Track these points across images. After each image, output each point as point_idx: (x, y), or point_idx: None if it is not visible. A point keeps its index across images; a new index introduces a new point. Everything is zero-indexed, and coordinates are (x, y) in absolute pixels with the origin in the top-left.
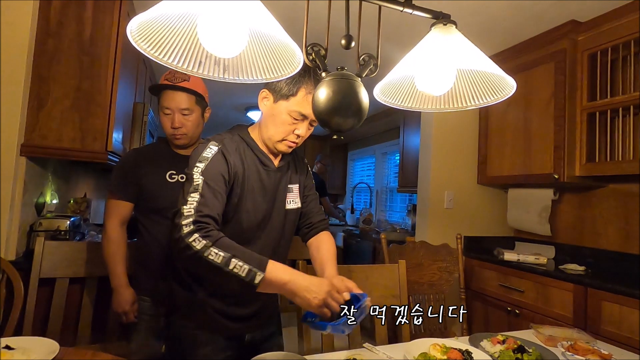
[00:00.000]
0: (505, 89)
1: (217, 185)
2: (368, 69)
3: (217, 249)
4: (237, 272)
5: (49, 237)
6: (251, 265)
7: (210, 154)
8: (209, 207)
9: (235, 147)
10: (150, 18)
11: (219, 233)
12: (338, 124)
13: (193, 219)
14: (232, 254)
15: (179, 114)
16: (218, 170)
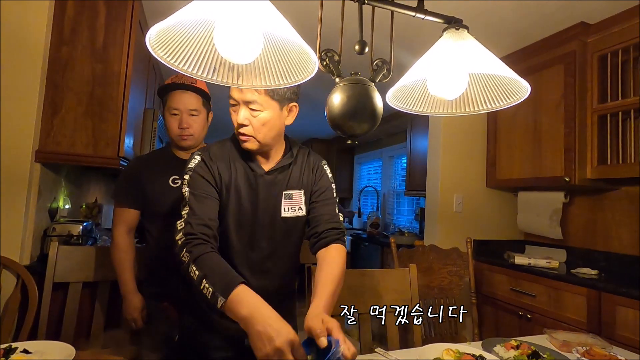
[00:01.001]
0: (519, 93)
1: (202, 191)
2: (381, 74)
3: (195, 266)
4: (205, 292)
5: (62, 242)
6: (215, 289)
7: (194, 164)
8: (196, 216)
9: (223, 154)
10: (167, 26)
11: (203, 248)
12: (352, 128)
13: (183, 233)
14: (204, 274)
15: (186, 115)
16: (201, 176)
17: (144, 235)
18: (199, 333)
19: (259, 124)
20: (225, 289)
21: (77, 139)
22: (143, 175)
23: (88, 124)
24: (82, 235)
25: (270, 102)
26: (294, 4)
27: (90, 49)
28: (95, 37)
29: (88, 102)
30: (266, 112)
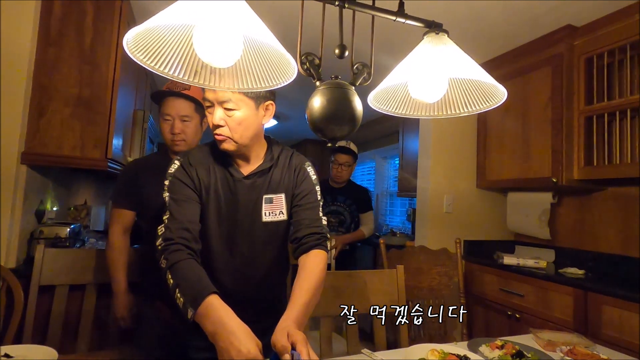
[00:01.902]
0: (496, 96)
1: (181, 194)
2: (362, 77)
3: (170, 274)
4: (177, 302)
5: (49, 245)
6: (185, 299)
7: (173, 169)
8: (176, 220)
9: (202, 159)
10: (146, 29)
11: (180, 255)
12: (332, 131)
13: (162, 238)
14: (176, 283)
15: (178, 121)
16: (180, 180)
17: (140, 236)
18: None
19: (235, 124)
20: (194, 301)
21: (64, 141)
22: (140, 178)
23: (76, 125)
24: (70, 237)
25: (246, 100)
26: (276, 7)
27: (78, 50)
28: (83, 38)
29: (75, 103)
30: (241, 110)
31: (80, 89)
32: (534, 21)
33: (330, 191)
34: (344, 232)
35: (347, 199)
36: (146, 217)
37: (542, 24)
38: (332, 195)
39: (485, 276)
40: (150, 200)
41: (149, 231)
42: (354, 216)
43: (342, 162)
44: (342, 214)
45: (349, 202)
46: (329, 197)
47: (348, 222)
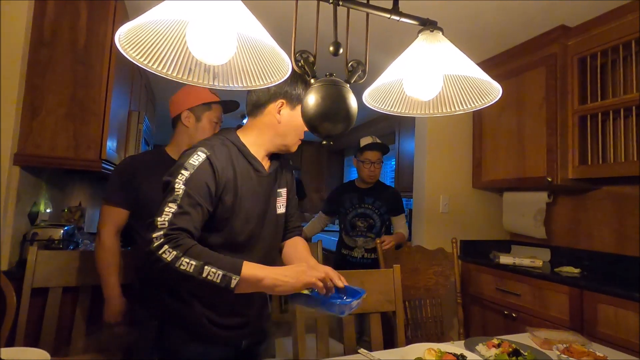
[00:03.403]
0: (491, 94)
1: (199, 196)
2: (356, 75)
3: (188, 258)
4: (211, 279)
5: (42, 247)
6: (225, 270)
7: (198, 161)
8: (184, 219)
9: (226, 154)
10: (139, 25)
11: (190, 241)
12: (327, 129)
13: (164, 232)
14: (204, 262)
15: (219, 126)
16: (203, 180)
17: (132, 238)
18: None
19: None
20: (233, 268)
21: (57, 142)
22: (138, 175)
23: (69, 126)
24: (64, 239)
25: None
26: (270, 5)
27: (71, 50)
28: (77, 38)
29: (69, 104)
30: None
31: (74, 89)
32: (528, 21)
33: (357, 192)
34: (373, 237)
35: (376, 200)
36: (142, 217)
37: (536, 24)
38: (359, 196)
39: (482, 276)
40: (147, 200)
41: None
42: (384, 219)
43: (374, 160)
44: (371, 217)
45: (378, 204)
46: (355, 198)
47: (378, 226)
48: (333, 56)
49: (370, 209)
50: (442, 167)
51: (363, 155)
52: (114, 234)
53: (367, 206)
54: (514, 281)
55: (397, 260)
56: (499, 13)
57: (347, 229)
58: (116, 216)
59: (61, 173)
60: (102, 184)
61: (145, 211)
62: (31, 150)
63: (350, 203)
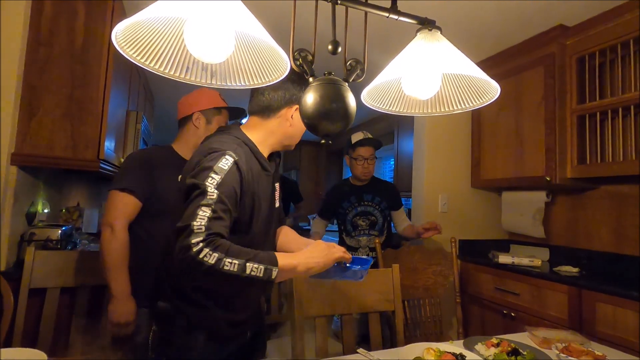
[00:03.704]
0: (489, 93)
1: (230, 202)
2: (355, 73)
3: (230, 259)
4: (254, 274)
5: (40, 247)
6: (265, 264)
7: (227, 166)
8: (219, 224)
9: (246, 156)
10: (136, 23)
11: (227, 242)
12: (326, 128)
13: (202, 237)
14: (245, 259)
15: None
16: (232, 185)
17: (137, 236)
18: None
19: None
20: (272, 261)
21: (55, 142)
22: (156, 169)
23: (67, 126)
24: (61, 239)
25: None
26: (268, 4)
27: (69, 49)
28: (74, 38)
29: (67, 103)
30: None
31: (71, 89)
32: (527, 21)
33: (354, 190)
34: (377, 235)
35: (375, 196)
36: (151, 212)
37: (535, 23)
38: (357, 194)
39: (481, 275)
40: (162, 194)
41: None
42: (385, 215)
43: (367, 157)
44: (372, 215)
45: (378, 200)
46: (353, 197)
47: (380, 223)
48: (331, 55)
49: (370, 205)
50: (440, 167)
51: (355, 152)
52: (126, 227)
53: (367, 203)
54: (512, 280)
55: (396, 259)
56: (497, 13)
57: (347, 230)
58: (130, 208)
59: (59, 173)
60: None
61: (154, 205)
62: (29, 150)
63: (349, 202)
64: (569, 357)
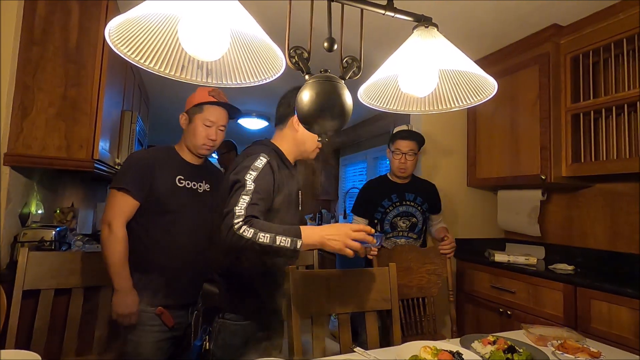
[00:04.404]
0: (487, 90)
1: (264, 193)
2: (351, 71)
3: (263, 233)
4: (283, 244)
5: (34, 248)
6: (291, 237)
7: (261, 164)
8: (254, 209)
9: (276, 159)
10: (129, 20)
11: (259, 221)
12: (322, 126)
13: (243, 218)
14: (275, 233)
15: (217, 129)
16: (266, 180)
17: (136, 235)
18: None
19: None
20: (297, 234)
21: (48, 142)
22: (156, 169)
23: (60, 125)
24: (55, 240)
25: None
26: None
27: (63, 49)
28: (68, 37)
29: (60, 103)
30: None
31: (65, 88)
32: (522, 20)
33: (395, 188)
34: (415, 238)
35: (417, 196)
36: (150, 212)
37: (530, 23)
38: (398, 193)
39: (477, 274)
40: (160, 195)
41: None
42: (426, 218)
43: (405, 151)
44: (413, 216)
45: (420, 201)
46: (394, 195)
47: (420, 226)
48: (327, 52)
49: (412, 206)
50: (436, 165)
51: (394, 144)
52: (124, 225)
53: (409, 203)
54: (508, 279)
55: (390, 258)
56: (493, 12)
57: (385, 231)
58: (129, 207)
59: (53, 173)
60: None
61: (153, 206)
62: (21, 150)
63: (390, 200)
64: (564, 354)
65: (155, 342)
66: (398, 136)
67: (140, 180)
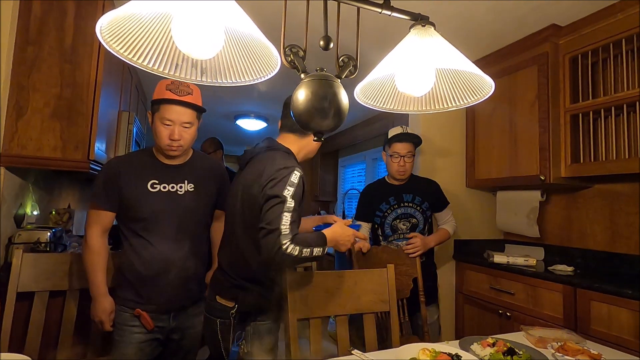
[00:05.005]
0: (484, 89)
1: (300, 207)
2: (347, 70)
3: (305, 249)
4: (317, 254)
5: (29, 250)
6: (321, 246)
7: (296, 179)
8: (296, 226)
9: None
10: (122, 17)
11: (299, 237)
12: (318, 125)
13: (289, 238)
14: (312, 246)
15: (179, 127)
16: (299, 194)
17: (119, 240)
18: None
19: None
20: (324, 241)
21: (44, 142)
22: (121, 178)
23: (56, 126)
24: (51, 242)
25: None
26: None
27: (59, 49)
28: (64, 37)
29: (56, 103)
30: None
31: (60, 88)
32: (520, 21)
33: (392, 190)
34: None
35: (416, 195)
36: (126, 220)
37: (528, 23)
38: (395, 195)
39: (476, 275)
40: (131, 202)
41: (129, 234)
42: (427, 217)
43: (404, 154)
44: (413, 216)
45: (419, 200)
46: (392, 197)
47: (422, 226)
48: (323, 50)
49: (411, 206)
50: (435, 166)
51: (392, 148)
52: (100, 235)
53: (407, 204)
54: (507, 280)
55: (365, 260)
56: (491, 12)
57: (386, 234)
58: (101, 218)
59: (49, 174)
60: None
61: (127, 213)
62: (16, 150)
63: (387, 204)
64: (564, 356)
65: (137, 343)
66: (395, 139)
67: (106, 191)
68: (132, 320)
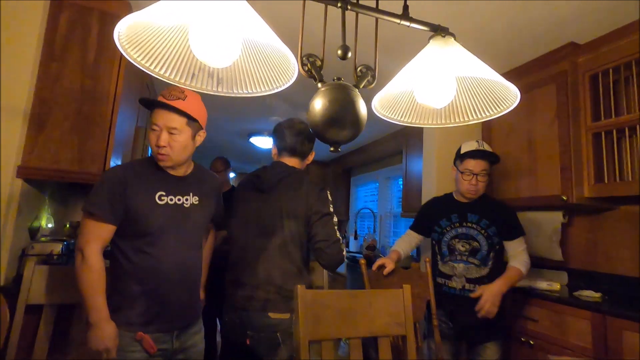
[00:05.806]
0: (508, 99)
1: None
2: (365, 80)
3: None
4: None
5: (42, 262)
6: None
7: (330, 197)
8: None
9: None
10: (140, 24)
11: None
12: (334, 135)
13: (343, 246)
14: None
15: (165, 133)
16: None
17: (114, 257)
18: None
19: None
20: None
21: (61, 155)
22: (128, 188)
23: (74, 140)
24: (63, 254)
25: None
26: (276, 9)
27: (81, 64)
28: (87, 53)
29: (75, 117)
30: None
31: (81, 103)
32: (538, 39)
33: (456, 207)
34: (478, 264)
35: (481, 218)
36: (129, 235)
37: (546, 41)
38: (459, 212)
39: None
40: (138, 216)
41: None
42: (492, 243)
43: (477, 172)
44: (474, 239)
45: (485, 223)
46: (455, 215)
47: (484, 252)
48: (341, 60)
49: (474, 228)
50: (451, 184)
51: (463, 164)
52: (99, 251)
53: (470, 225)
54: (530, 306)
55: (377, 281)
56: (509, 30)
57: (442, 253)
58: (102, 232)
59: (65, 187)
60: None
61: (131, 227)
62: (35, 163)
63: (448, 220)
64: None
65: None
66: (468, 155)
67: (111, 202)
68: (132, 345)
